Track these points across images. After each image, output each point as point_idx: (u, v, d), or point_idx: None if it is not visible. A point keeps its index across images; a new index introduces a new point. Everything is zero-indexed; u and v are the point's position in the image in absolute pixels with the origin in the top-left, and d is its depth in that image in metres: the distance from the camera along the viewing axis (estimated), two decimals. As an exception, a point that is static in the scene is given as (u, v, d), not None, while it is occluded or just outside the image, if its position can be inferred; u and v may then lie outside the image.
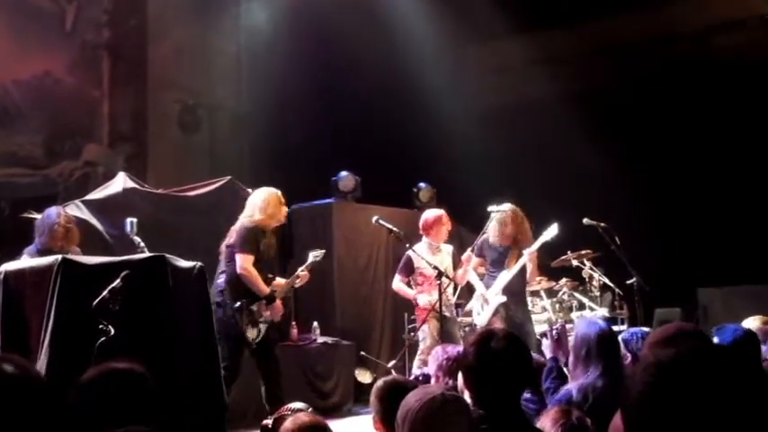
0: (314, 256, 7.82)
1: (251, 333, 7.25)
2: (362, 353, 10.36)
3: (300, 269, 7.73)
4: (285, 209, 7.62)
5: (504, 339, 3.38)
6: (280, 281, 7.69)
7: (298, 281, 7.71)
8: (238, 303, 7.19)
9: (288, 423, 3.03)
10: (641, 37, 12.53)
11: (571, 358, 4.64)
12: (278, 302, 7.40)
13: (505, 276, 8.31)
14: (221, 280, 7.28)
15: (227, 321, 7.12)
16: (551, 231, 8.38)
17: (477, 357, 3.34)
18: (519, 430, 3.29)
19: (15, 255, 6.73)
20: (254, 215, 7.37)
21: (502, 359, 3.30)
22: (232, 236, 7.30)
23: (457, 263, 8.49)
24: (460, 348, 4.60)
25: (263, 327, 7.34)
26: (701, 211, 11.55)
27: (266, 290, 7.28)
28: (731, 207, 11.33)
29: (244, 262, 7.16)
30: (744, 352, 4.04)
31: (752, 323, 5.57)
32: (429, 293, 8.21)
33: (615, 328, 9.14)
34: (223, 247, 7.37)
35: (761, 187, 11.31)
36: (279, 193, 7.62)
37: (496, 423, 3.21)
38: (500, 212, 8.37)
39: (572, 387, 4.46)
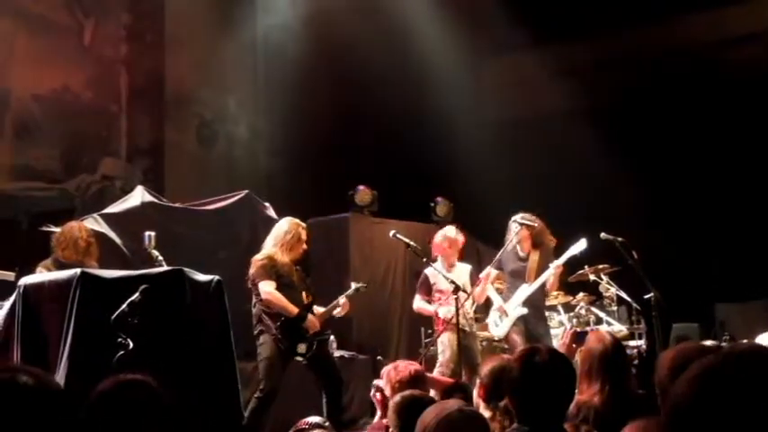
0: (357, 286, 7.93)
1: (300, 348, 7.42)
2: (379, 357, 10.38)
3: (341, 297, 7.79)
4: (304, 245, 7.70)
5: (548, 354, 3.37)
6: (319, 309, 7.71)
7: (338, 310, 7.76)
8: (280, 321, 7.31)
9: None
10: (657, 50, 12.49)
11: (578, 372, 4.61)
12: (310, 317, 7.46)
13: (526, 290, 8.25)
14: (256, 309, 7.46)
15: (270, 344, 7.28)
16: (580, 246, 8.29)
17: (521, 373, 3.32)
18: None
19: (34, 268, 6.75)
20: (268, 246, 7.56)
21: (547, 374, 3.27)
22: (250, 268, 7.45)
23: (474, 281, 8.43)
24: (416, 366, 4.67)
25: (312, 341, 7.47)
26: (718, 226, 11.48)
27: (294, 309, 7.38)
28: (749, 222, 11.26)
29: (265, 288, 7.33)
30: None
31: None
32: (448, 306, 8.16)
33: (632, 343, 9.11)
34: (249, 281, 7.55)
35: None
36: (302, 226, 7.74)
37: None
38: (515, 222, 8.35)
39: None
